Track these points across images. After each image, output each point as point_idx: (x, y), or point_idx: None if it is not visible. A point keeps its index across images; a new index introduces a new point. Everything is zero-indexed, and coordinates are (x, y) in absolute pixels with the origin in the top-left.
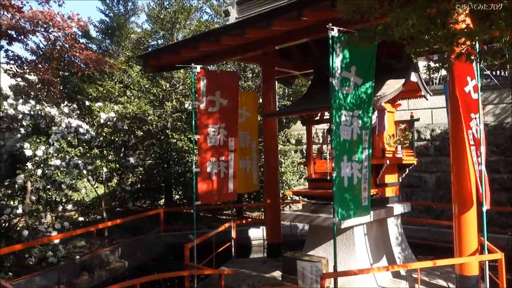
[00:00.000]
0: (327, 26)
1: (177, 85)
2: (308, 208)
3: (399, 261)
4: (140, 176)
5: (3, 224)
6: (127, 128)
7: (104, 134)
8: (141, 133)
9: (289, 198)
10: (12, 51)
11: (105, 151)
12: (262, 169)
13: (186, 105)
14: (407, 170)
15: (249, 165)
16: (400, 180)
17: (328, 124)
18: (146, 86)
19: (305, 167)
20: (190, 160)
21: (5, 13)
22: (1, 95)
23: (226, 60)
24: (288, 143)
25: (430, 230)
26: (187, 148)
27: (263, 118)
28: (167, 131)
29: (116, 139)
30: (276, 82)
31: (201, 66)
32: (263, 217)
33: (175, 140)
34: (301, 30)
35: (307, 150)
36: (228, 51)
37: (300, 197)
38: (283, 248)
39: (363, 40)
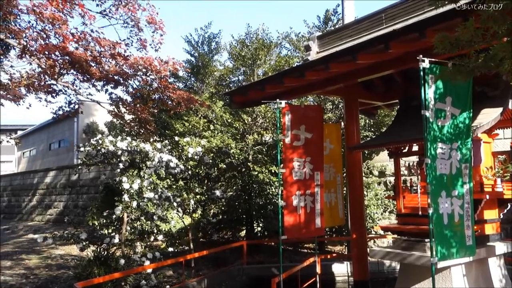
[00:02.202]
0: (418, 58)
1: (258, 119)
2: (399, 245)
3: None
4: (223, 208)
5: (103, 253)
6: (211, 161)
7: (189, 167)
8: (224, 165)
9: (373, 232)
10: (115, 94)
11: (190, 183)
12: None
13: (267, 138)
14: (509, 205)
15: (334, 198)
16: (501, 216)
17: (417, 156)
18: (229, 120)
19: (392, 201)
20: (271, 193)
21: (111, 60)
22: (96, 131)
23: (309, 94)
24: (371, 175)
25: None
26: (268, 181)
27: (347, 150)
28: (248, 163)
29: (200, 171)
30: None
31: (286, 101)
32: (346, 252)
33: (256, 173)
34: (386, 62)
35: (395, 183)
36: (311, 85)
37: (389, 232)
38: (370, 285)
39: (461, 74)
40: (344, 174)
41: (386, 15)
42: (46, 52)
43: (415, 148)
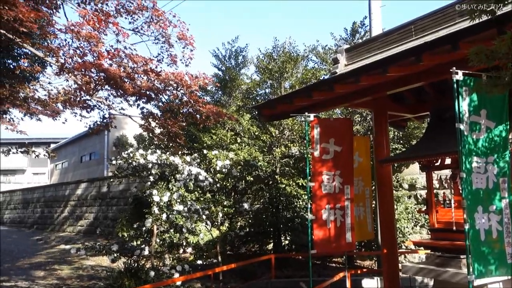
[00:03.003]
0: (451, 70)
1: (285, 131)
2: (432, 261)
3: None
4: (250, 221)
5: (133, 264)
6: (238, 173)
7: (217, 180)
8: (251, 178)
9: (403, 247)
10: (147, 109)
11: (217, 196)
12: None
13: (294, 151)
14: None
15: (363, 212)
16: None
17: (450, 169)
18: (256, 133)
19: (423, 215)
20: (298, 206)
21: (143, 76)
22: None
23: (337, 107)
24: (400, 188)
25: None
26: (295, 194)
27: (377, 164)
28: (276, 176)
29: (228, 184)
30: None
31: (314, 114)
32: (376, 267)
33: (284, 185)
34: (417, 74)
35: (427, 197)
36: (339, 98)
37: (422, 248)
38: None
39: (496, 87)
40: (373, 188)
41: (416, 27)
42: (83, 70)
43: (448, 161)
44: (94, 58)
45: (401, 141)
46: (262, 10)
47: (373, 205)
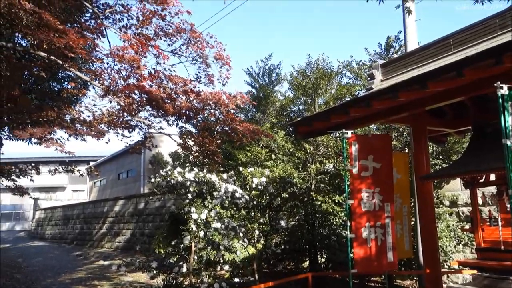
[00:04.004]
0: (495, 84)
1: (320, 148)
2: (480, 282)
3: None
4: (285, 238)
5: (172, 282)
6: (273, 190)
7: (252, 197)
8: (286, 195)
9: (446, 266)
10: (185, 128)
11: (252, 213)
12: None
13: (329, 167)
14: None
15: (400, 229)
16: None
17: (496, 186)
18: (291, 150)
19: (466, 233)
20: (335, 223)
21: (182, 96)
22: (159, 162)
23: (374, 123)
24: (441, 205)
25: None
26: (331, 211)
27: (418, 180)
28: (311, 193)
29: (263, 201)
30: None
31: (351, 131)
32: (417, 287)
33: (319, 202)
34: (457, 88)
35: (472, 215)
36: (376, 114)
37: (467, 268)
38: None
39: None
40: (412, 205)
41: (454, 41)
42: (127, 92)
43: (493, 177)
44: (137, 80)
45: (441, 157)
46: (295, 28)
47: (412, 223)
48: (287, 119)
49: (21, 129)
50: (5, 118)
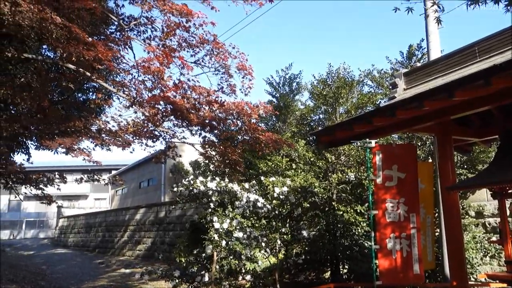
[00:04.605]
0: None
1: (341, 157)
2: None
3: None
4: (306, 248)
5: None
6: (294, 200)
7: (273, 206)
8: (307, 205)
9: (472, 279)
10: (208, 137)
11: (273, 222)
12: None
13: (350, 177)
14: None
15: (423, 240)
16: None
17: None
18: (312, 159)
19: (494, 245)
20: (357, 233)
21: (205, 106)
22: (180, 172)
23: (398, 132)
24: (466, 216)
25: None
26: (353, 221)
27: (443, 191)
28: (332, 202)
29: (283, 210)
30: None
31: (375, 140)
32: None
33: (341, 212)
34: (484, 97)
35: (501, 226)
36: (400, 124)
37: (497, 281)
38: None
39: None
40: (436, 215)
41: (480, 48)
42: (153, 102)
43: None
44: (161, 91)
45: (465, 166)
46: (314, 37)
47: (436, 233)
48: (308, 128)
49: (50, 139)
50: (34, 129)
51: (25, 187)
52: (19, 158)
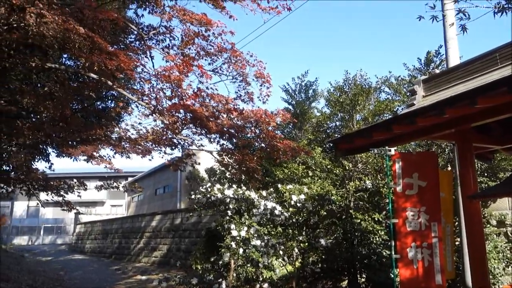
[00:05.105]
0: None
1: (358, 164)
2: None
3: None
4: (323, 256)
5: None
6: (312, 208)
7: (290, 214)
8: (324, 212)
9: None
10: (226, 145)
11: (289, 230)
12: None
13: (368, 184)
14: None
15: (443, 250)
16: None
17: None
18: (328, 166)
19: None
20: (375, 242)
21: (223, 114)
22: (196, 179)
23: (417, 140)
24: (488, 225)
25: None
26: (371, 229)
27: (465, 200)
28: (350, 210)
29: (300, 218)
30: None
31: (395, 148)
32: None
33: (358, 220)
34: (507, 104)
35: None
36: (420, 131)
37: None
38: None
39: None
40: (455, 224)
41: (501, 55)
42: (172, 111)
43: None
44: (181, 99)
45: (486, 174)
46: (331, 43)
47: (456, 242)
48: (324, 135)
49: (72, 147)
50: (57, 137)
51: (47, 194)
52: (39, 165)
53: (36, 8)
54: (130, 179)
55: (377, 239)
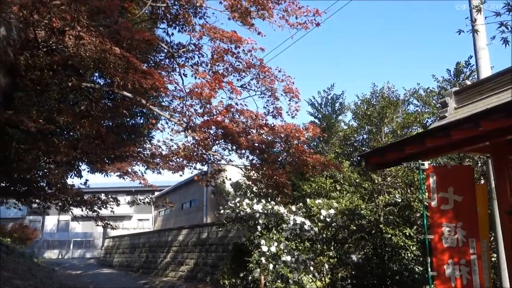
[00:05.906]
0: None
1: (388, 178)
2: None
3: None
4: (352, 272)
5: None
6: (341, 223)
7: (320, 229)
8: (354, 227)
9: None
10: (255, 159)
11: (318, 245)
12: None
13: (397, 199)
14: None
15: (482, 267)
16: None
17: None
18: (357, 180)
19: None
20: (406, 257)
21: (253, 130)
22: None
23: (450, 153)
24: None
25: None
26: (402, 244)
27: (503, 214)
28: (380, 225)
29: (328, 233)
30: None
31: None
32: None
33: (389, 235)
34: None
35: None
36: (453, 144)
37: None
38: None
39: None
40: (491, 239)
41: None
42: (205, 127)
43: None
44: (211, 116)
45: None
46: (355, 58)
47: (492, 258)
48: (351, 149)
49: (107, 163)
50: (92, 154)
51: (82, 210)
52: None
53: (75, 31)
54: (156, 193)
55: (409, 254)
